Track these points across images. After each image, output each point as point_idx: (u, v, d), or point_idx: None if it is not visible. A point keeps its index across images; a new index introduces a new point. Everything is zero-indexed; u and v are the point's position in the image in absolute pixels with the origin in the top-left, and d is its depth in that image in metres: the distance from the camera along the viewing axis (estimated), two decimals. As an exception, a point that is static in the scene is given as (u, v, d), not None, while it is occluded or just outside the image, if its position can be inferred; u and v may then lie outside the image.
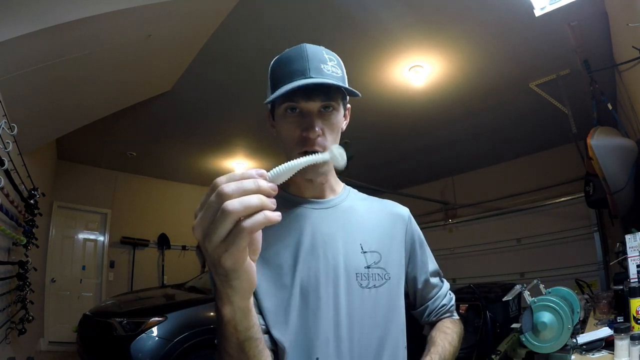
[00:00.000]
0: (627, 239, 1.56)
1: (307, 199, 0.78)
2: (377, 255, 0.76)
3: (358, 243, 0.75)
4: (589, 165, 2.50)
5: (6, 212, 2.45)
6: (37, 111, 2.85)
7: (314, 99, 0.68)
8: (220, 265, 0.40)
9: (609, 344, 1.36)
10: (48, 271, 5.00)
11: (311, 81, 0.66)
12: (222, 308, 0.47)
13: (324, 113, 0.71)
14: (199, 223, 0.39)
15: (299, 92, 0.67)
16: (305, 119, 0.69)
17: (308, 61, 0.69)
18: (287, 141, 0.73)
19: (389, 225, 0.81)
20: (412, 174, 6.40)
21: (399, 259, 0.80)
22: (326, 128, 0.71)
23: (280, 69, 0.72)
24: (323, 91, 0.68)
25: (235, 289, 0.43)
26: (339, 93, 0.71)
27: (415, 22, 2.91)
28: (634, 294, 1.31)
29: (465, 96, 3.92)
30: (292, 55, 0.72)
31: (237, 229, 0.37)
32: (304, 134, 0.69)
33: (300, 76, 0.67)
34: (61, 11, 2.05)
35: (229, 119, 4.45)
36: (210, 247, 0.38)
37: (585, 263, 4.73)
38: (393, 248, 0.79)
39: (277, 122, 0.75)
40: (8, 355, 2.73)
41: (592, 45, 2.86)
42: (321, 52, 0.72)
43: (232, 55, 3.26)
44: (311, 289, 0.69)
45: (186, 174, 6.40)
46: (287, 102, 0.69)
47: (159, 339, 3.01)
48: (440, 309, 0.88)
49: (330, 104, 0.70)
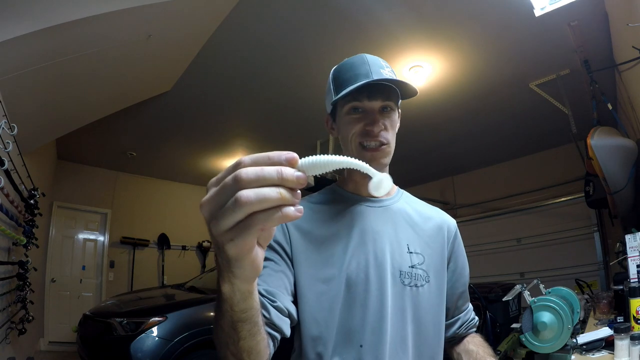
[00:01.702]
0: (627, 239, 1.56)
1: (362, 197, 0.83)
2: (421, 257, 0.80)
3: (405, 243, 0.80)
4: (589, 165, 2.50)
5: (6, 212, 2.45)
6: (37, 111, 2.84)
7: (376, 98, 0.76)
8: (223, 251, 0.37)
9: (609, 344, 1.36)
10: (48, 271, 5.00)
11: (375, 77, 0.74)
12: (222, 285, 0.44)
13: (383, 112, 0.79)
14: (208, 201, 0.36)
15: (363, 93, 0.76)
16: (369, 116, 0.77)
17: (369, 65, 0.77)
18: (349, 135, 0.79)
19: (435, 231, 0.86)
20: (412, 174, 6.39)
21: (440, 265, 0.83)
22: (387, 124, 0.79)
23: (344, 73, 0.79)
24: (384, 92, 0.76)
25: (237, 275, 0.41)
26: (395, 95, 0.79)
27: (415, 22, 2.91)
28: (634, 294, 1.31)
29: (465, 96, 3.92)
30: (355, 61, 0.79)
31: (247, 222, 0.34)
32: (367, 127, 0.77)
33: (364, 78, 0.75)
34: (61, 11, 2.05)
35: (229, 119, 4.45)
36: (216, 231, 0.35)
37: (585, 263, 4.73)
38: (435, 254, 0.83)
39: (340, 122, 0.82)
40: (8, 355, 2.73)
41: (592, 45, 2.86)
42: (379, 60, 0.80)
43: (232, 55, 3.26)
44: (360, 282, 0.73)
45: (186, 174, 6.39)
46: (352, 102, 0.77)
47: (159, 339, 3.01)
48: (470, 322, 0.92)
49: (388, 104, 0.78)
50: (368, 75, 0.75)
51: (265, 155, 0.36)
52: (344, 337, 0.71)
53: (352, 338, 0.71)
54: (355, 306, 0.72)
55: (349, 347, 0.71)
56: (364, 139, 0.78)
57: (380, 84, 0.75)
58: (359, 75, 0.76)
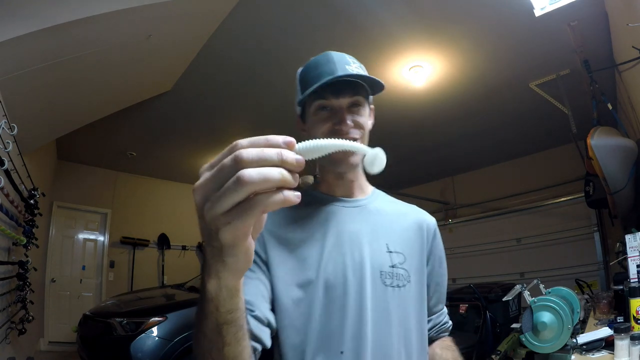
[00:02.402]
0: (627, 239, 1.56)
1: (336, 197, 0.81)
2: (402, 256, 0.77)
3: (384, 242, 0.77)
4: (589, 165, 2.50)
5: (6, 212, 2.45)
6: (37, 111, 2.85)
7: (343, 95, 0.74)
8: (216, 237, 0.35)
9: (609, 344, 1.36)
10: (48, 271, 5.00)
11: (340, 74, 0.71)
12: (207, 282, 0.42)
13: (352, 109, 0.76)
14: (203, 185, 0.34)
15: (329, 90, 0.73)
16: (337, 114, 0.74)
17: (334, 63, 0.74)
18: (318, 135, 0.75)
19: (415, 230, 0.82)
20: (412, 174, 6.39)
21: (420, 264, 0.81)
22: (357, 120, 0.76)
23: (309, 72, 0.77)
24: (351, 88, 0.74)
25: (228, 266, 0.39)
26: (364, 90, 0.76)
27: (415, 22, 2.91)
28: (634, 294, 1.31)
29: (465, 96, 3.92)
30: (319, 60, 0.77)
31: (249, 204, 0.32)
32: (336, 127, 0.74)
33: (328, 75, 0.72)
34: (61, 11, 2.05)
35: (229, 119, 4.45)
36: (210, 215, 0.33)
37: (585, 263, 4.73)
38: (416, 253, 0.80)
39: (309, 122, 0.79)
40: (8, 355, 2.73)
41: (592, 45, 2.86)
42: (344, 56, 0.77)
43: (232, 55, 3.26)
44: (338, 284, 0.70)
45: (186, 174, 6.39)
46: (318, 100, 0.75)
47: (159, 339, 3.01)
48: (443, 326, 0.88)
49: (357, 100, 0.75)
50: (333, 72, 0.72)
51: (264, 138, 0.35)
52: (324, 343, 0.68)
53: (332, 344, 0.67)
54: (334, 310, 0.69)
55: (330, 353, 0.67)
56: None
57: (347, 79, 0.72)
58: (323, 73, 0.73)
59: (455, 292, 4.23)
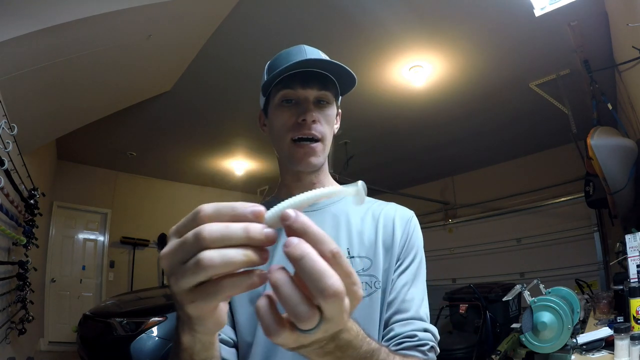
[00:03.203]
0: (627, 239, 1.56)
1: None
2: (367, 261, 0.69)
3: (344, 247, 0.69)
4: (589, 165, 2.50)
5: (6, 212, 2.45)
6: (37, 111, 2.84)
7: (311, 86, 0.68)
8: (183, 310, 0.33)
9: (609, 344, 1.36)
10: (48, 271, 5.00)
11: (309, 57, 0.66)
12: (181, 334, 0.39)
13: (319, 105, 0.70)
14: (167, 255, 0.31)
15: (296, 80, 0.67)
16: (302, 105, 0.69)
17: (306, 53, 0.70)
18: (280, 130, 0.70)
19: (387, 229, 0.72)
20: (412, 174, 6.40)
21: (390, 266, 0.70)
22: (322, 118, 0.70)
23: (278, 61, 0.72)
24: (320, 81, 0.68)
25: (199, 331, 0.37)
26: (333, 87, 0.71)
27: (415, 22, 2.91)
28: (634, 294, 1.31)
29: (465, 96, 3.92)
30: (291, 51, 0.73)
31: (213, 288, 0.30)
32: (299, 120, 0.68)
33: (299, 65, 0.67)
34: (61, 11, 2.05)
35: (228, 119, 4.45)
36: (174, 289, 0.31)
37: (585, 263, 4.73)
38: (387, 254, 0.70)
39: (271, 116, 0.74)
40: (8, 355, 2.73)
41: (592, 45, 2.86)
42: (318, 51, 0.73)
43: (231, 55, 3.26)
44: None
45: (186, 174, 6.40)
46: (284, 90, 0.69)
47: (159, 339, 3.01)
48: (407, 339, 0.62)
49: (325, 96, 0.70)
50: (304, 62, 0.66)
51: (230, 207, 0.31)
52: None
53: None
54: None
55: None
56: (295, 133, 0.68)
57: (316, 72, 0.67)
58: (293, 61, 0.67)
59: (455, 292, 4.23)
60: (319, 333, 0.30)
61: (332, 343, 0.36)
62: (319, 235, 0.30)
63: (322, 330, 0.30)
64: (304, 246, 0.28)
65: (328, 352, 0.37)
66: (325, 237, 0.30)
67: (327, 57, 0.71)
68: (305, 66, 0.67)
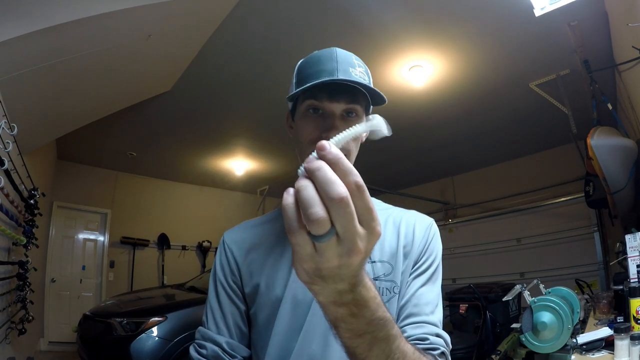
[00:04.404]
0: (627, 239, 1.56)
1: None
2: (388, 266, 0.68)
3: None
4: (589, 165, 2.50)
5: (6, 212, 2.45)
6: (37, 111, 2.84)
7: (338, 99, 0.65)
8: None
9: (609, 344, 1.36)
10: (48, 271, 5.00)
11: (339, 76, 0.64)
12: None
13: (347, 118, 0.67)
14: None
15: (324, 92, 0.65)
16: (327, 120, 0.66)
17: (337, 62, 0.67)
18: (304, 141, 0.68)
19: (408, 236, 0.72)
20: (412, 174, 6.40)
21: (407, 269, 0.70)
22: None
23: (308, 67, 0.70)
24: (348, 94, 0.65)
25: None
26: (364, 99, 0.68)
27: (415, 22, 2.91)
28: (634, 294, 1.31)
29: (465, 96, 3.92)
30: (322, 56, 0.69)
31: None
32: (323, 135, 0.64)
33: (327, 75, 0.64)
34: (61, 11, 2.05)
35: (228, 119, 4.45)
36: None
37: (585, 263, 4.73)
38: (405, 259, 0.70)
39: (297, 122, 0.72)
40: (8, 355, 2.73)
41: (592, 45, 2.86)
42: (351, 57, 0.70)
43: (232, 55, 3.26)
44: (306, 302, 0.65)
45: (186, 174, 6.40)
46: (310, 100, 0.67)
47: (159, 339, 3.01)
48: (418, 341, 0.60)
49: (353, 108, 0.67)
50: (333, 73, 0.64)
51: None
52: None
53: None
54: (294, 332, 0.63)
55: None
56: None
57: (346, 83, 0.64)
58: (323, 71, 0.65)
59: (455, 292, 4.23)
60: (332, 248, 0.32)
61: (349, 294, 0.37)
62: (347, 167, 0.32)
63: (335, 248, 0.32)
64: (320, 162, 0.32)
65: (344, 304, 0.38)
66: (352, 170, 0.32)
67: (359, 67, 0.69)
68: (333, 81, 0.64)
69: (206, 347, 0.67)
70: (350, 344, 0.42)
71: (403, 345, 0.46)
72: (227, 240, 0.77)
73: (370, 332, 0.41)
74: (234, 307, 0.71)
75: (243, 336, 0.71)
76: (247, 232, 0.77)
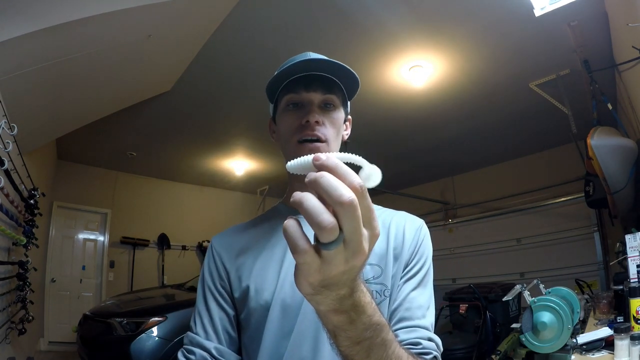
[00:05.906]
0: (627, 239, 1.56)
1: None
2: (378, 269, 0.68)
3: None
4: (589, 165, 2.50)
5: (6, 212, 2.45)
6: (37, 111, 2.84)
7: (315, 89, 0.69)
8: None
9: (609, 344, 1.36)
10: (48, 271, 5.00)
11: (311, 58, 0.66)
12: None
13: (325, 109, 0.71)
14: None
15: (300, 83, 0.69)
16: (306, 108, 0.70)
17: (309, 55, 0.70)
18: (286, 134, 0.71)
19: (397, 238, 0.72)
20: (412, 174, 6.39)
21: (398, 273, 0.69)
22: (326, 120, 0.70)
23: (281, 67, 0.72)
24: (323, 83, 0.69)
25: None
26: (339, 90, 0.72)
27: (416, 22, 2.91)
28: (634, 294, 1.31)
29: (465, 96, 3.92)
30: (296, 57, 0.72)
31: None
32: (303, 121, 0.68)
33: (302, 69, 0.67)
34: (61, 11, 2.05)
35: (229, 119, 4.45)
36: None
37: (585, 263, 4.73)
38: (395, 262, 0.69)
39: (278, 121, 0.75)
40: (8, 355, 2.73)
41: (592, 45, 2.86)
42: (324, 56, 0.73)
43: (231, 55, 3.26)
44: (295, 306, 0.65)
45: (186, 174, 6.40)
46: (289, 95, 0.70)
47: (159, 339, 3.01)
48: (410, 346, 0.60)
49: (330, 99, 0.70)
50: (307, 65, 0.67)
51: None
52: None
53: None
54: (282, 337, 0.64)
55: None
56: (300, 135, 0.68)
57: (321, 76, 0.68)
58: (295, 61, 0.68)
59: (455, 292, 4.23)
60: (340, 254, 0.32)
61: (349, 299, 0.37)
62: (346, 170, 0.33)
63: (342, 253, 0.32)
64: (321, 172, 0.32)
65: (344, 311, 0.38)
66: (352, 172, 0.33)
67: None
68: (307, 68, 0.68)
69: (194, 353, 0.67)
70: (349, 352, 0.42)
71: (398, 350, 0.46)
72: (215, 245, 0.77)
73: (368, 339, 0.41)
74: (223, 312, 0.70)
75: (232, 341, 0.70)
76: (235, 236, 0.78)
